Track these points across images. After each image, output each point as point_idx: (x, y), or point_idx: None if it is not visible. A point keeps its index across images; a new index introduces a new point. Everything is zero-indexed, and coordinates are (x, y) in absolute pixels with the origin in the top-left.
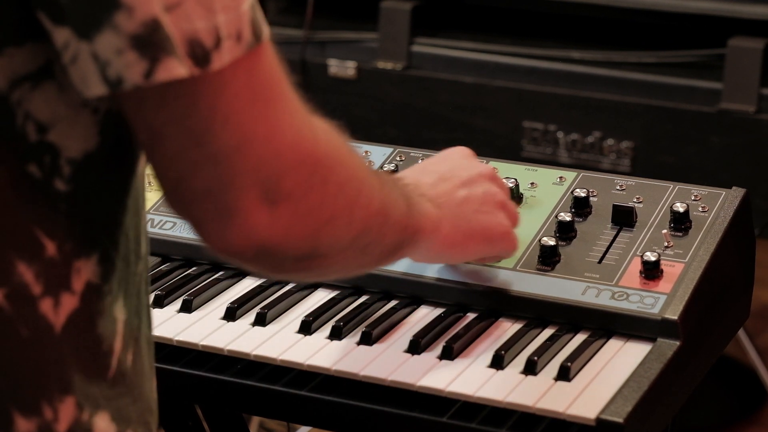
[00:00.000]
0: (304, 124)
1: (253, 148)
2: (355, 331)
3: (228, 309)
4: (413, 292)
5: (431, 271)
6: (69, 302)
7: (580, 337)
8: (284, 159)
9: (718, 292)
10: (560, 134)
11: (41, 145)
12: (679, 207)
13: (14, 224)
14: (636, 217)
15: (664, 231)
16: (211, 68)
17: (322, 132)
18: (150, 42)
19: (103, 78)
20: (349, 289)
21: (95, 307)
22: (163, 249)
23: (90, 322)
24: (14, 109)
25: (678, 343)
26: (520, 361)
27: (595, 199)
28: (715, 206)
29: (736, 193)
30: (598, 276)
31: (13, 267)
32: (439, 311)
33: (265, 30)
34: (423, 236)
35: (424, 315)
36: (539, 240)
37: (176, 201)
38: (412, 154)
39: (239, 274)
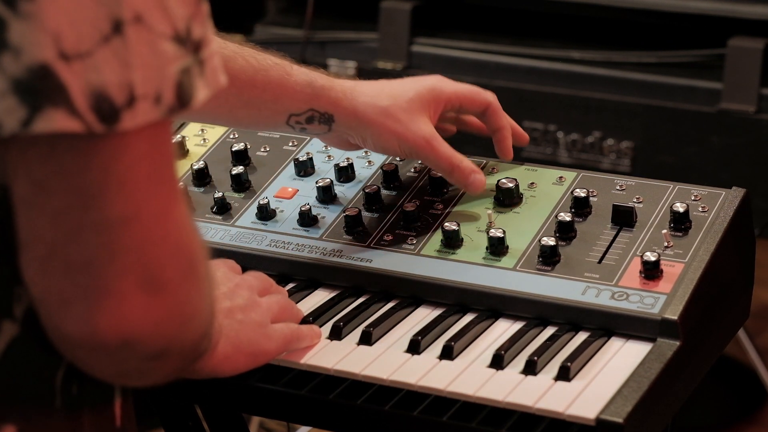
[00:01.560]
0: (186, 211)
1: (141, 225)
2: (355, 331)
3: None
4: (413, 292)
5: (431, 271)
6: (10, 329)
7: (580, 337)
8: (169, 244)
9: (718, 292)
10: (560, 134)
11: None
12: (679, 207)
13: None
14: (636, 217)
15: (664, 231)
16: (119, 127)
17: (193, 222)
18: (33, 89)
19: None
20: (349, 289)
21: (37, 334)
22: None
23: (32, 350)
24: None
25: (678, 343)
26: (520, 361)
27: (595, 199)
28: (715, 206)
29: (736, 193)
30: (598, 276)
31: None
32: (439, 311)
33: (200, 96)
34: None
35: (424, 315)
36: (539, 240)
37: (45, 272)
38: None
39: None
